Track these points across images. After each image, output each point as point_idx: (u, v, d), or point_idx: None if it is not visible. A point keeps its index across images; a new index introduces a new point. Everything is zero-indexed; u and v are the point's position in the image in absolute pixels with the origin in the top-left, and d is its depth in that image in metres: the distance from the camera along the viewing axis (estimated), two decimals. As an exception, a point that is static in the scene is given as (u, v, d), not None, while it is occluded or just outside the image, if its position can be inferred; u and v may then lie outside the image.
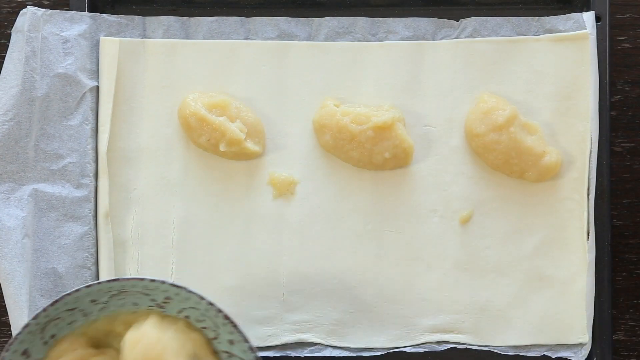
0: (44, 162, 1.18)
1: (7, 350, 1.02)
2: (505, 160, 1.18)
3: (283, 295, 1.21)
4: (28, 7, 1.18)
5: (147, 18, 1.22)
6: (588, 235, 1.20)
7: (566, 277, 1.20)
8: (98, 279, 1.19)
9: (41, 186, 1.18)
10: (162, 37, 1.22)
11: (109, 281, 1.04)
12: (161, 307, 1.08)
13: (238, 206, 1.21)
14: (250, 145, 1.18)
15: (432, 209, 1.21)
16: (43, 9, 1.18)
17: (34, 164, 1.18)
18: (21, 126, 1.17)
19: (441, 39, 1.22)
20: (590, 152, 1.20)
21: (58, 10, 1.18)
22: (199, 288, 1.06)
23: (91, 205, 1.19)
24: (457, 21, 1.22)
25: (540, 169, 1.19)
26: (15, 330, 1.16)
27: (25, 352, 1.04)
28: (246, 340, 1.04)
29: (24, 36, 1.17)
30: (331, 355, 1.20)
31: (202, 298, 1.04)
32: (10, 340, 1.02)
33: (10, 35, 1.26)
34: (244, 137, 1.18)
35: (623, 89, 1.28)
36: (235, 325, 1.04)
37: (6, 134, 1.17)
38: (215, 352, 1.10)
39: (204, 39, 1.22)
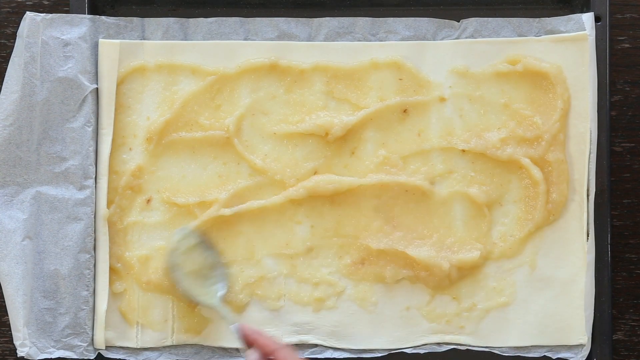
0: (47, 165, 1.18)
1: None
2: None
3: (284, 296, 1.21)
4: (27, 13, 1.17)
5: (146, 20, 1.22)
6: (588, 236, 1.20)
7: (566, 277, 1.20)
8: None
9: (44, 189, 1.18)
10: (162, 39, 1.22)
11: None
12: None
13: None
14: None
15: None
16: (42, 14, 1.18)
17: (37, 167, 1.18)
18: (22, 131, 1.17)
19: (442, 39, 1.22)
20: (590, 153, 1.20)
21: (58, 14, 1.18)
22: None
23: (93, 207, 1.19)
24: (458, 21, 1.22)
25: None
26: (14, 331, 1.17)
27: None
28: None
29: (23, 41, 1.17)
30: (332, 356, 1.20)
31: None
32: None
33: (9, 35, 1.27)
34: None
35: (623, 89, 1.28)
36: None
37: (7, 139, 1.17)
38: None
39: (204, 39, 1.22)
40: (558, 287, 1.20)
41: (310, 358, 1.20)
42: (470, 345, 1.21)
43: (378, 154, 1.21)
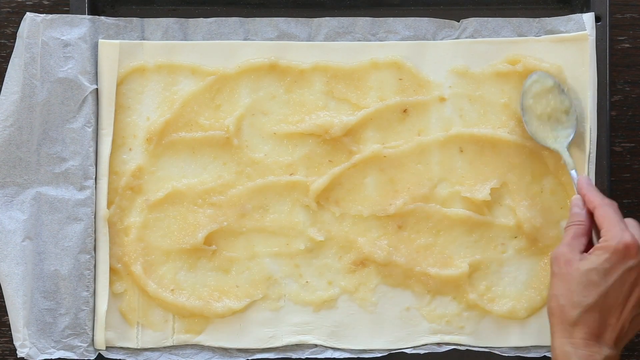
0: (47, 166, 1.18)
1: None
2: None
3: (285, 296, 1.21)
4: (27, 13, 1.17)
5: (146, 20, 1.22)
6: (588, 236, 1.20)
7: (566, 277, 1.20)
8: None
9: (44, 189, 1.18)
10: (161, 39, 1.22)
11: None
12: None
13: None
14: None
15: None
16: (43, 15, 1.18)
17: (37, 167, 1.18)
18: (22, 131, 1.17)
19: (442, 39, 1.22)
20: (590, 153, 1.20)
21: (58, 15, 1.18)
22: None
23: (93, 207, 1.19)
24: (458, 21, 1.22)
25: None
26: (14, 331, 1.17)
27: None
28: None
29: (24, 42, 1.17)
30: (332, 357, 1.20)
31: None
32: None
33: (9, 35, 1.27)
34: None
35: (623, 89, 1.28)
36: None
37: (7, 140, 1.17)
38: None
39: (203, 39, 1.22)
40: (558, 287, 1.20)
41: (310, 358, 1.20)
42: (470, 346, 1.21)
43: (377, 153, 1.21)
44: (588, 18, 1.20)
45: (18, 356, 1.18)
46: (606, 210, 1.06)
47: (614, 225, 1.04)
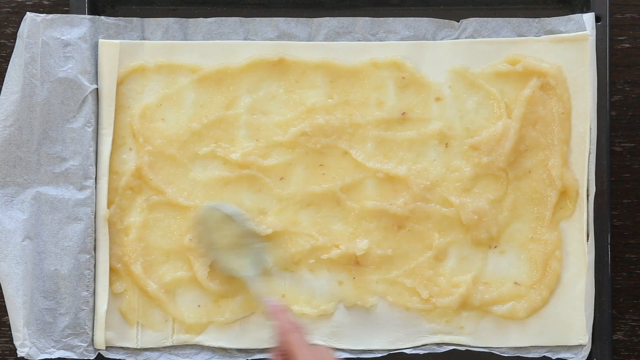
0: (47, 166, 1.19)
1: None
2: None
3: (284, 297, 1.21)
4: (27, 13, 1.17)
5: (146, 20, 1.22)
6: (588, 236, 1.20)
7: (566, 278, 1.20)
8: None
9: (44, 189, 1.18)
10: (161, 39, 1.22)
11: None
12: None
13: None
14: None
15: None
16: (43, 15, 1.18)
17: (37, 167, 1.18)
18: (22, 131, 1.17)
19: (442, 39, 1.22)
20: (590, 153, 1.20)
21: (58, 15, 1.18)
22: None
23: (93, 207, 1.19)
24: (458, 21, 1.22)
25: None
26: (14, 331, 1.17)
27: None
28: None
29: (24, 42, 1.17)
30: (332, 356, 1.20)
31: None
32: None
33: (9, 35, 1.27)
34: None
35: (623, 89, 1.28)
36: None
37: (7, 139, 1.17)
38: None
39: (203, 39, 1.22)
40: (558, 287, 1.20)
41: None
42: (470, 346, 1.21)
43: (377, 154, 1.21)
44: (588, 18, 1.20)
45: (18, 356, 1.18)
46: (294, 337, 1.04)
47: (304, 352, 1.02)
